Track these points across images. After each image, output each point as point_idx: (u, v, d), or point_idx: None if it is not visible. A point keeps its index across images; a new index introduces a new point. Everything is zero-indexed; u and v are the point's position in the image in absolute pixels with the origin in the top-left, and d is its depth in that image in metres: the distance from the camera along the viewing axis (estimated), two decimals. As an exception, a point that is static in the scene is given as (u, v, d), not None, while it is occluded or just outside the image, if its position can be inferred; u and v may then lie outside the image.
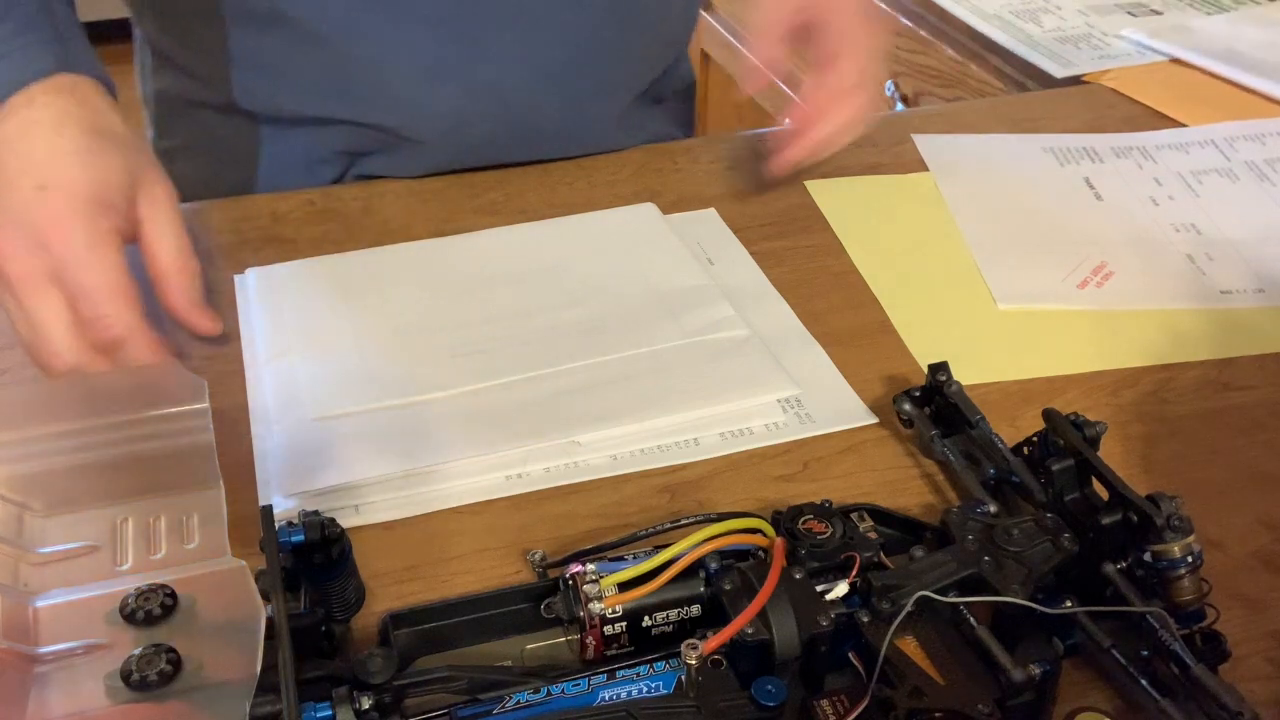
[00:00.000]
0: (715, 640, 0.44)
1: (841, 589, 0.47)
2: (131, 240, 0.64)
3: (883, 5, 1.45)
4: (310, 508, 0.48)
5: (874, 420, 0.63)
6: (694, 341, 0.68)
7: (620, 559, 0.49)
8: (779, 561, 0.47)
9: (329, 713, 0.42)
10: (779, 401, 0.64)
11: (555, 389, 0.64)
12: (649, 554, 0.49)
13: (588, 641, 0.47)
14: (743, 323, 0.69)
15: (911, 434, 0.62)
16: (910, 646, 0.48)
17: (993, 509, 0.51)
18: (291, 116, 0.81)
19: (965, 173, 0.86)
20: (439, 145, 0.81)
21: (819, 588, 0.47)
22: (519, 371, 0.65)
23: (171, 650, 0.44)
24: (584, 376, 0.65)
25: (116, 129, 0.64)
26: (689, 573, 0.48)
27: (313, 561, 0.47)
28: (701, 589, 0.48)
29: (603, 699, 0.44)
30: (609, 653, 0.48)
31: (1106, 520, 0.50)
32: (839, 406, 0.64)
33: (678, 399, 0.63)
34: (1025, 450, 0.56)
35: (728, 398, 0.64)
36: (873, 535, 0.51)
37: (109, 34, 1.23)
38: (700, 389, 0.64)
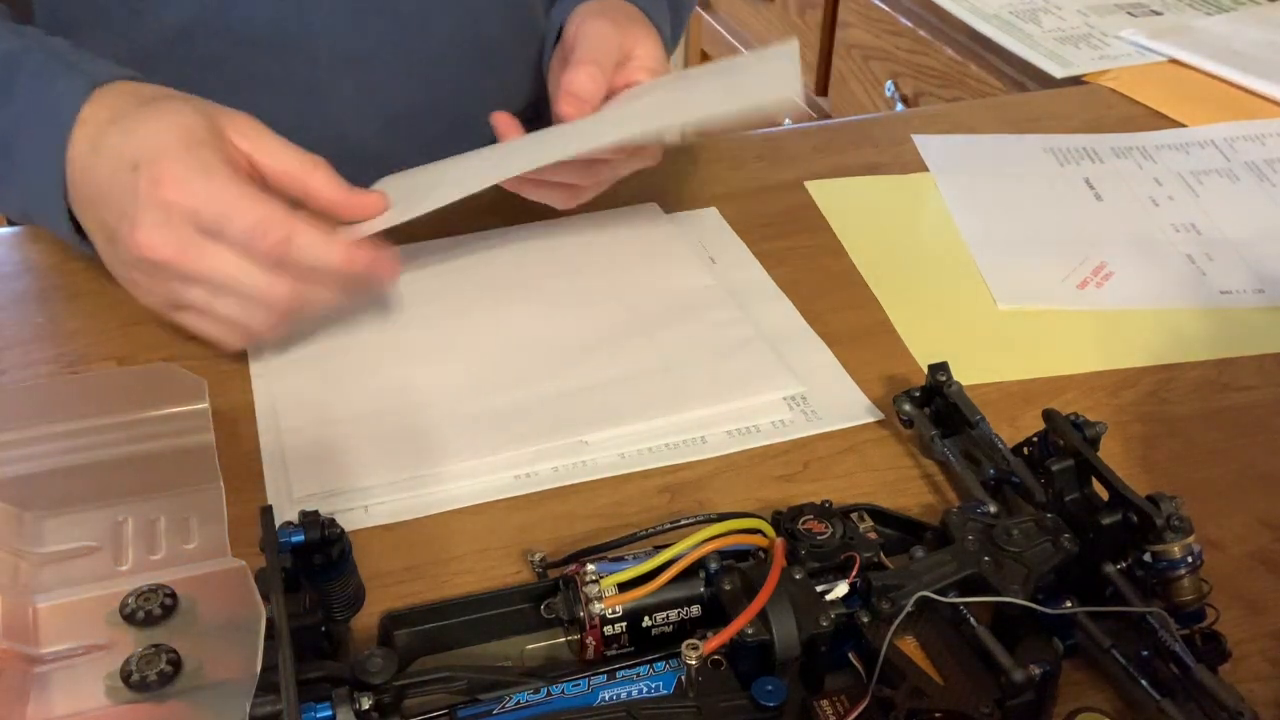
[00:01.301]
0: (715, 640, 0.44)
1: (841, 589, 0.47)
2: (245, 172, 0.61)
3: (883, 5, 1.45)
4: (320, 509, 0.48)
5: (879, 417, 0.63)
6: (699, 341, 0.68)
7: (620, 559, 0.49)
8: (779, 562, 0.47)
9: (329, 713, 0.42)
10: (785, 399, 0.64)
11: (562, 390, 0.64)
12: (649, 554, 0.49)
13: (588, 641, 0.47)
14: (748, 321, 0.69)
15: (911, 434, 0.62)
16: (910, 646, 0.48)
17: (993, 509, 0.51)
18: None
19: (965, 173, 0.86)
20: None
21: (819, 588, 0.47)
22: (526, 372, 0.65)
23: (171, 650, 0.44)
24: (590, 377, 0.65)
25: (167, 92, 0.62)
26: (689, 573, 0.48)
27: (313, 561, 0.47)
28: (701, 589, 0.48)
29: (603, 699, 0.44)
30: (609, 653, 0.48)
31: (1106, 520, 0.50)
32: (844, 403, 0.64)
33: (684, 398, 0.63)
34: (1025, 450, 0.56)
35: (733, 397, 0.64)
36: (873, 535, 0.51)
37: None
38: (706, 388, 0.64)
